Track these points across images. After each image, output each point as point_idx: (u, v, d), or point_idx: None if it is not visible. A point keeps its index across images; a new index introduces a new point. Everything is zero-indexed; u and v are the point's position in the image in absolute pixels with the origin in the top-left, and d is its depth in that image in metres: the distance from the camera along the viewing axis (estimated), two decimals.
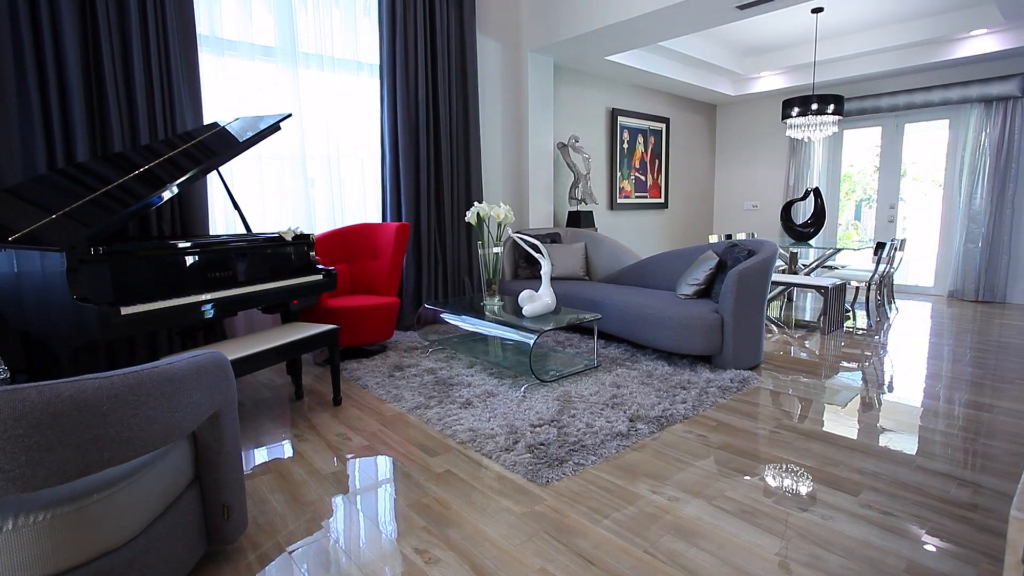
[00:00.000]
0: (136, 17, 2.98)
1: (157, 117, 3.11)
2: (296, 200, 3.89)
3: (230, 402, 1.50)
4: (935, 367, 3.45)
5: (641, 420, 2.57)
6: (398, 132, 4.25)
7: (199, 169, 2.51)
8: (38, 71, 2.76)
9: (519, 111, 5.29)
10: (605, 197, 6.57)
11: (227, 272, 2.60)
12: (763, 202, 7.80)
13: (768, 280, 3.42)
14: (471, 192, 4.75)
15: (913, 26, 5.68)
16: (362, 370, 3.40)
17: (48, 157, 2.81)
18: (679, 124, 7.58)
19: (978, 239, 5.81)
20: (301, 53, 3.86)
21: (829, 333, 4.37)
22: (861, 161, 7.00)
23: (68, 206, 2.23)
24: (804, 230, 5.51)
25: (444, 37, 4.43)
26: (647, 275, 4.34)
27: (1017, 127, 5.57)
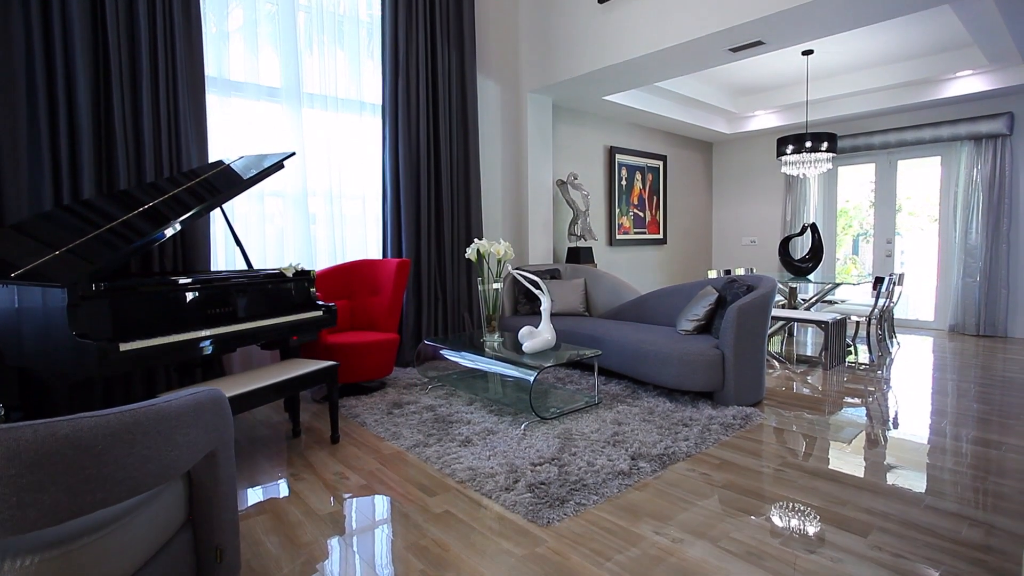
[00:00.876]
0: (147, 60, 3.07)
1: (163, 155, 3.17)
2: (298, 236, 3.93)
3: (227, 440, 1.48)
4: (940, 403, 3.41)
5: (643, 458, 2.52)
6: (399, 170, 4.32)
7: (203, 206, 2.54)
8: (49, 109, 2.83)
9: (519, 149, 5.39)
10: (604, 233, 6.63)
11: (227, 308, 2.60)
12: (761, 237, 7.87)
13: (768, 315, 3.42)
14: (471, 229, 4.80)
15: (900, 67, 5.85)
16: (361, 407, 3.37)
17: (54, 194, 2.85)
18: (676, 161, 7.71)
19: (976, 273, 5.83)
20: (306, 94, 3.95)
21: (831, 368, 4.34)
22: (856, 196, 7.09)
23: (72, 242, 2.25)
24: (802, 265, 5.54)
25: (445, 78, 4.56)
26: (647, 311, 4.34)
27: (1007, 164, 5.67)
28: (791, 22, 3.66)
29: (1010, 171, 5.68)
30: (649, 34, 4.20)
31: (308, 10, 3.99)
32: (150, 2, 3.09)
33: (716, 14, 3.79)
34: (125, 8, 3.03)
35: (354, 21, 4.24)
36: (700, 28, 3.89)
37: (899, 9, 3.49)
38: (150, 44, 3.10)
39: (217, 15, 3.53)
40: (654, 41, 4.18)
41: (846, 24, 3.73)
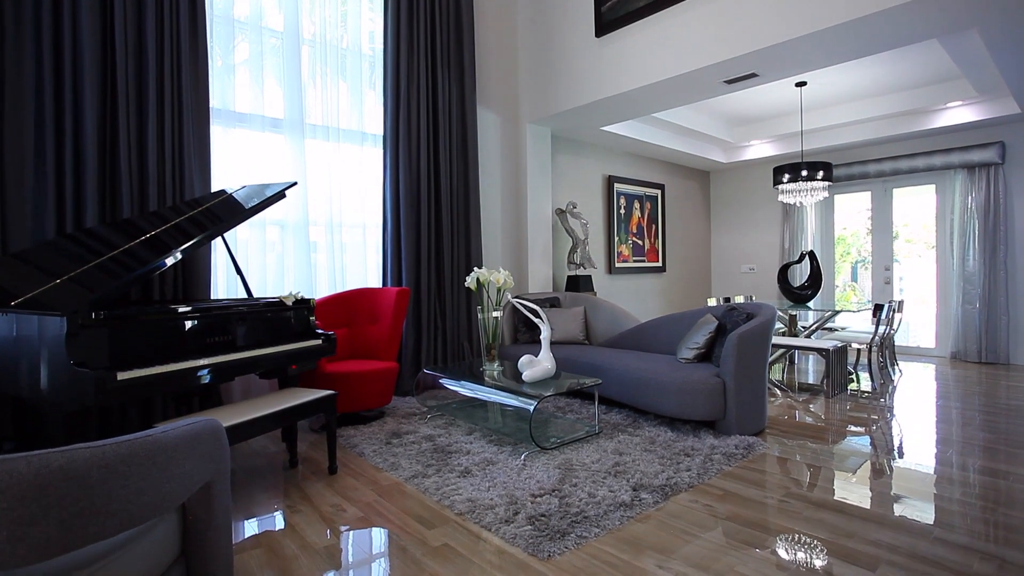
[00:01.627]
0: (154, 92, 3.14)
1: (167, 185, 3.20)
2: (298, 264, 3.94)
3: (223, 472, 1.46)
4: (945, 431, 3.37)
5: (645, 489, 2.48)
6: (400, 199, 4.36)
7: (204, 235, 2.55)
8: (56, 139, 2.87)
9: (518, 179, 5.45)
10: (603, 261, 6.66)
11: (226, 337, 2.60)
12: (759, 265, 7.90)
13: (768, 343, 3.41)
14: (471, 257, 4.82)
15: (892, 98, 5.96)
16: (359, 437, 3.33)
17: (58, 222, 2.87)
18: (674, 190, 7.79)
19: (975, 300, 5.84)
20: (308, 124, 4.02)
21: (833, 396, 4.30)
22: (853, 224, 7.15)
23: (73, 271, 2.25)
24: (802, 292, 5.55)
25: (446, 109, 4.64)
26: (647, 339, 4.33)
27: (1001, 191, 5.73)
28: (783, 55, 3.75)
29: (1004, 199, 5.74)
30: (645, 67, 4.30)
31: (312, 44, 4.08)
32: (158, 36, 3.16)
33: (710, 48, 3.88)
34: (134, 41, 3.10)
35: (357, 54, 4.34)
36: (695, 61, 3.98)
37: (887, 44, 3.57)
38: (157, 76, 3.16)
39: (223, 48, 3.61)
40: (650, 74, 4.27)
41: (836, 58, 3.82)
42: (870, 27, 3.32)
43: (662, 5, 4.12)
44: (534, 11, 5.27)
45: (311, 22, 4.07)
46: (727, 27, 3.78)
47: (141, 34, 3.12)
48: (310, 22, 4.07)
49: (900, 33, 3.42)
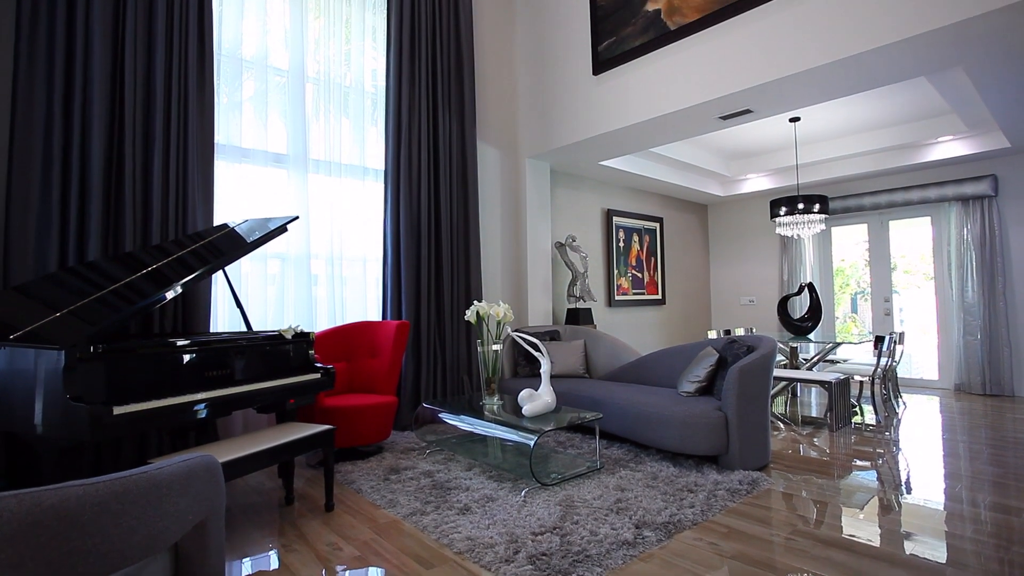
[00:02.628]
0: (161, 127, 3.20)
1: (170, 218, 3.24)
2: (299, 297, 3.94)
3: (218, 509, 1.43)
4: (953, 465, 3.32)
5: (648, 527, 2.43)
6: (400, 233, 4.40)
7: (206, 269, 2.57)
8: (62, 171, 2.91)
9: (518, 213, 5.51)
10: (603, 294, 6.67)
11: (225, 370, 2.58)
12: (759, 297, 7.91)
13: (770, 376, 3.39)
14: (471, 291, 4.83)
15: (885, 133, 6.08)
16: (357, 472, 3.27)
17: (60, 255, 2.89)
18: (672, 223, 7.86)
19: (976, 331, 5.82)
20: (311, 159, 4.08)
21: (837, 430, 4.25)
22: (851, 255, 7.19)
23: (73, 304, 2.25)
24: (802, 324, 5.54)
25: (446, 145, 4.72)
26: (647, 372, 4.30)
27: (996, 223, 5.78)
28: (776, 92, 3.84)
29: (999, 231, 5.79)
30: (642, 103, 4.39)
31: (316, 81, 4.18)
32: (167, 73, 3.24)
33: (705, 85, 3.98)
34: (143, 77, 3.18)
35: (359, 92, 4.44)
36: (690, 98, 4.07)
37: (876, 81, 3.66)
38: (164, 113, 3.23)
39: (230, 86, 3.70)
40: (647, 110, 4.36)
41: (827, 94, 3.90)
42: (859, 65, 3.41)
43: (656, 45, 4.24)
44: (533, 50, 5.42)
45: (315, 61, 4.18)
46: (721, 65, 3.88)
47: (150, 72, 3.20)
48: (314, 61, 4.18)
49: (888, 71, 3.51)
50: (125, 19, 3.08)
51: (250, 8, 3.83)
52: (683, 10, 4.07)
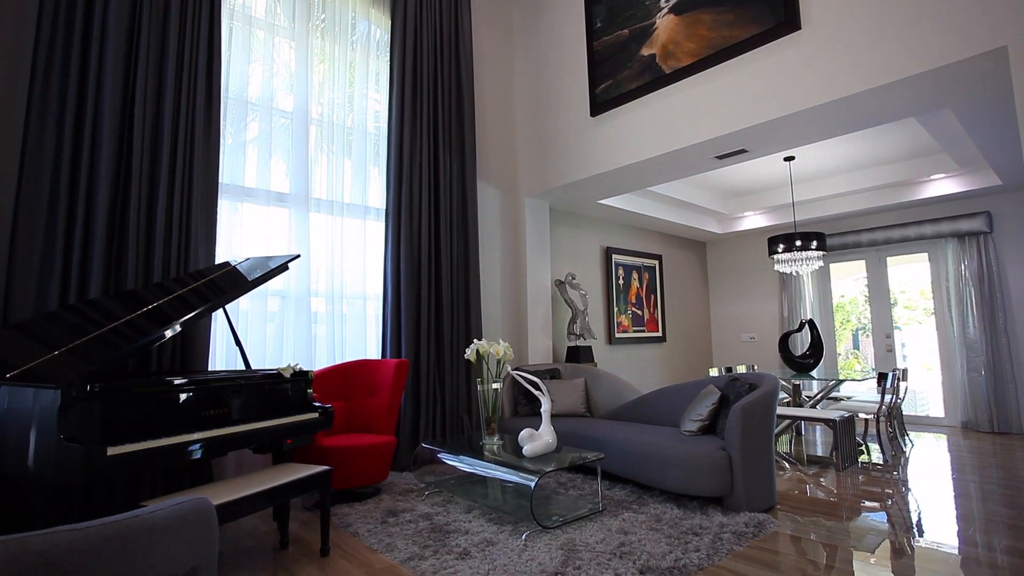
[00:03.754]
0: (166, 168, 3.25)
1: (172, 257, 3.25)
2: (298, 335, 3.93)
3: (210, 555, 1.39)
4: (965, 507, 3.24)
5: (652, 572, 2.35)
6: (400, 271, 4.42)
7: (206, 307, 2.57)
8: (68, 209, 2.94)
9: (517, 251, 5.55)
10: (603, 332, 6.65)
11: (222, 410, 2.55)
12: (760, 334, 7.88)
13: (773, 414, 3.35)
14: (471, 329, 4.81)
15: (878, 171, 6.18)
16: (354, 515, 3.19)
17: (61, 293, 2.89)
18: (671, 260, 7.91)
19: (980, 367, 5.78)
20: (313, 199, 4.14)
21: (844, 469, 4.17)
22: (851, 291, 7.21)
23: (72, 342, 2.24)
24: (804, 361, 5.51)
25: (447, 184, 4.79)
26: (649, 411, 4.25)
27: (993, 259, 5.81)
28: (770, 133, 3.93)
29: (997, 266, 5.81)
30: (639, 144, 4.48)
31: (319, 123, 4.28)
32: (175, 115, 3.32)
33: (701, 126, 4.07)
34: (152, 118, 3.25)
35: (362, 133, 4.54)
36: (686, 138, 4.16)
37: (866, 122, 3.75)
38: (171, 153, 3.29)
39: (235, 127, 3.78)
40: (644, 150, 4.45)
41: (820, 134, 3.99)
42: (849, 107, 3.50)
43: (652, 88, 4.36)
44: (532, 91, 5.57)
45: (319, 103, 4.29)
46: (715, 107, 3.98)
47: (159, 113, 3.28)
48: (318, 103, 4.28)
49: (877, 113, 3.60)
50: (136, 62, 3.18)
51: (257, 53, 3.95)
52: (677, 55, 4.20)
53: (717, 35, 3.94)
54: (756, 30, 3.71)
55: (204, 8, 3.47)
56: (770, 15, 3.65)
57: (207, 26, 3.48)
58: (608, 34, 4.75)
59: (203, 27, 3.46)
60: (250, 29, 3.90)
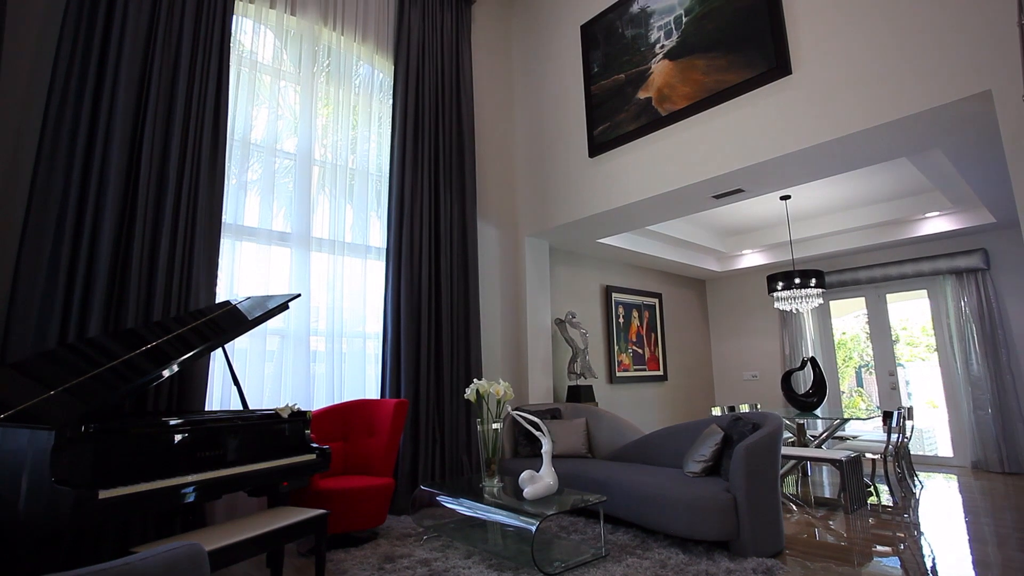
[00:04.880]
0: (171, 208, 3.29)
1: (173, 296, 3.26)
2: (297, 374, 3.90)
3: None
4: (980, 552, 3.15)
5: None
6: (401, 310, 4.42)
7: (206, 346, 2.56)
8: (72, 246, 2.96)
9: (517, 290, 5.56)
10: (604, 371, 6.60)
11: (217, 451, 2.51)
12: (762, 372, 7.82)
13: (778, 454, 3.29)
14: (471, 368, 4.78)
15: (874, 209, 6.26)
16: (349, 561, 3.10)
17: (61, 331, 2.88)
18: (671, 299, 7.91)
19: (986, 406, 5.70)
20: (314, 238, 4.17)
21: (853, 511, 4.06)
22: (852, 328, 7.19)
23: (69, 382, 2.22)
24: (807, 400, 5.44)
25: (447, 224, 4.84)
26: (652, 451, 4.18)
27: (992, 296, 5.82)
28: (765, 173, 4.00)
29: (996, 303, 5.81)
30: (637, 184, 4.56)
31: (322, 164, 4.36)
32: (181, 156, 3.39)
33: (697, 166, 4.15)
34: (159, 160, 3.31)
35: (364, 173, 4.61)
36: (683, 178, 4.23)
37: (859, 162, 3.83)
38: (175, 194, 3.34)
39: (239, 167, 3.84)
40: (641, 190, 4.51)
41: (813, 175, 4.06)
42: (841, 148, 3.57)
43: (649, 130, 4.46)
44: (532, 133, 5.69)
45: (322, 145, 4.38)
46: (711, 147, 4.07)
47: (166, 154, 3.34)
48: (321, 145, 4.38)
49: (869, 153, 3.67)
50: (147, 106, 3.26)
51: (263, 96, 4.06)
52: (672, 98, 4.31)
53: (711, 79, 4.06)
54: (749, 74, 3.83)
55: (214, 56, 3.59)
56: (762, 60, 3.77)
57: (216, 72, 3.59)
58: (605, 78, 4.90)
59: (212, 73, 3.57)
60: (256, 74, 4.02)
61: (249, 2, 4.01)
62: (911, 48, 3.16)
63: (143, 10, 3.32)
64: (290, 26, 4.28)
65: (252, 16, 4.04)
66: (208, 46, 3.59)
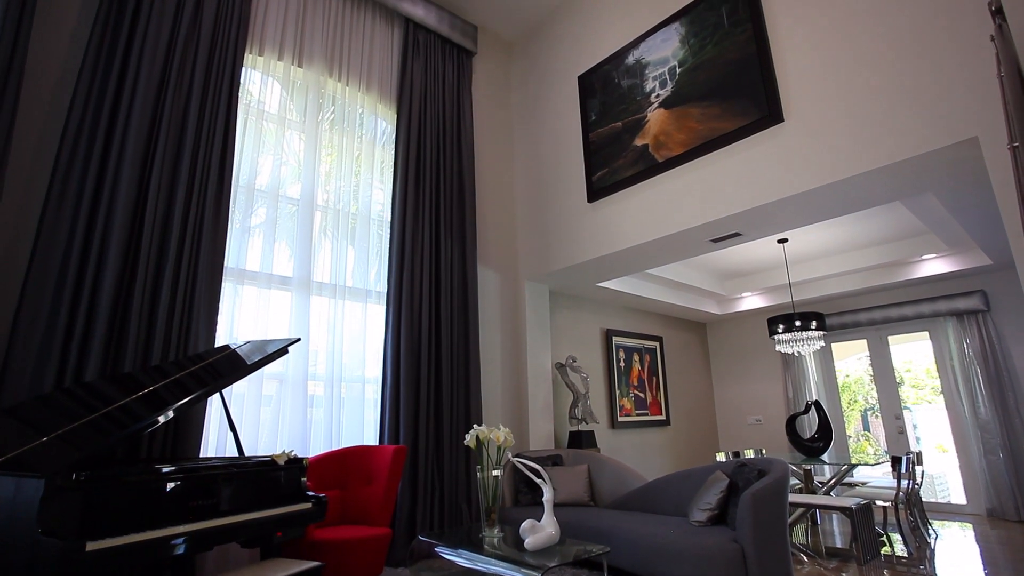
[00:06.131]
0: (174, 253, 3.32)
1: (173, 340, 3.25)
2: (294, 419, 3.84)
3: None
4: None
5: None
6: (400, 355, 4.39)
7: (203, 391, 2.53)
8: (75, 289, 2.97)
9: (517, 334, 5.55)
10: (606, 416, 6.50)
11: (210, 500, 2.44)
12: (766, 416, 7.71)
13: (785, 502, 3.20)
14: (471, 413, 4.71)
15: (871, 251, 6.31)
16: None
17: (58, 373, 2.85)
18: (672, 342, 7.88)
19: (997, 450, 5.59)
20: (315, 282, 4.19)
21: (867, 563, 3.92)
22: (855, 371, 7.12)
23: (63, 427, 2.19)
24: (813, 445, 5.34)
25: (448, 268, 4.88)
26: (656, 499, 4.07)
27: (994, 338, 5.79)
28: (761, 217, 4.05)
29: (999, 345, 5.78)
30: (635, 229, 4.61)
31: (324, 209, 4.42)
32: (186, 202, 3.44)
33: (694, 211, 4.20)
34: (164, 206, 3.36)
35: (366, 218, 4.67)
36: (681, 223, 4.28)
37: (853, 206, 3.88)
38: (179, 239, 3.37)
39: (242, 212, 3.89)
40: (640, 235, 4.56)
41: (808, 219, 4.11)
42: (834, 192, 3.64)
43: (646, 176, 4.55)
44: (531, 178, 5.80)
45: (325, 191, 4.45)
46: (708, 192, 4.13)
47: (171, 200, 3.39)
48: (324, 191, 4.45)
49: (862, 198, 3.73)
50: (155, 153, 3.34)
51: (268, 144, 4.16)
52: (668, 145, 4.42)
53: (705, 127, 4.17)
54: (742, 122, 3.93)
55: (222, 106, 3.70)
56: (754, 109, 3.88)
57: (223, 121, 3.69)
58: (603, 126, 5.03)
59: (219, 122, 3.67)
60: (263, 123, 4.13)
61: (258, 55, 4.16)
62: (898, 96, 3.26)
63: (156, 62, 3.45)
64: (296, 77, 4.42)
65: (260, 68, 4.18)
66: (217, 97, 3.70)
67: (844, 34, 3.55)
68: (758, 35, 3.93)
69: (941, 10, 3.16)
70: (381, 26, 5.15)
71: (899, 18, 3.32)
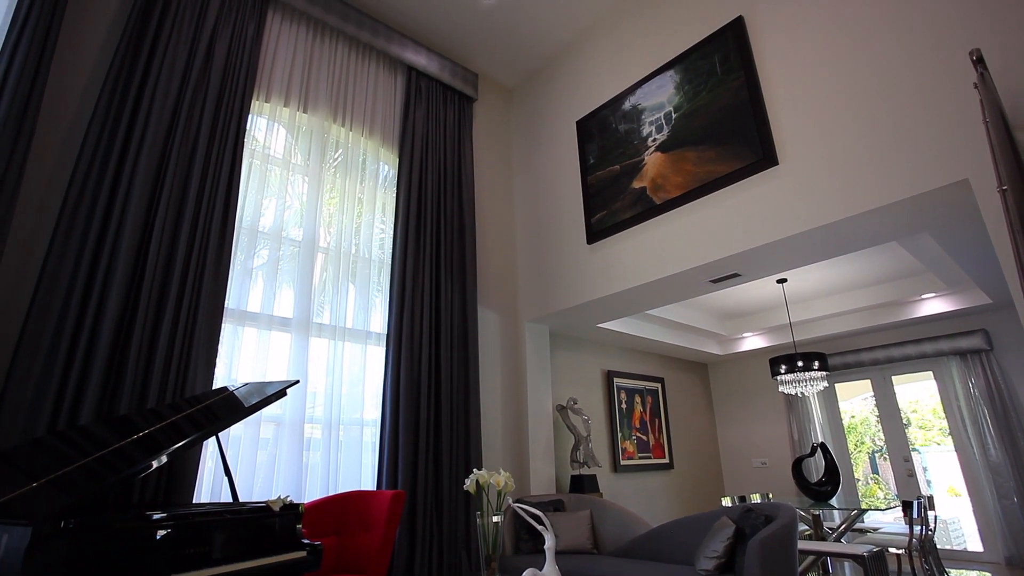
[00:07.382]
0: (175, 293, 3.33)
1: (170, 381, 3.22)
2: (291, 464, 3.76)
3: None
4: None
5: None
6: (400, 397, 4.34)
7: (199, 434, 2.49)
8: (75, 330, 2.96)
9: (518, 376, 5.50)
10: (608, 459, 6.38)
11: (202, 548, 2.37)
12: (771, 458, 7.56)
13: (795, 549, 3.10)
14: (470, 457, 4.62)
15: (871, 291, 6.33)
16: None
17: (52, 415, 2.81)
18: (674, 383, 7.80)
19: (1011, 494, 5.45)
20: (315, 323, 4.18)
21: None
22: (860, 411, 7.02)
23: (54, 472, 2.14)
24: (820, 489, 5.22)
25: (448, 310, 4.88)
26: (661, 546, 3.95)
27: (1000, 377, 5.73)
28: (760, 257, 4.08)
29: (1005, 385, 5.72)
30: (634, 270, 4.64)
31: (326, 251, 4.45)
32: (189, 245, 3.47)
33: (693, 251, 4.24)
34: (167, 248, 3.38)
35: (366, 260, 4.71)
36: (680, 264, 4.31)
37: (850, 246, 3.91)
38: (181, 280, 3.39)
39: (244, 254, 3.92)
40: (639, 276, 4.58)
41: (805, 259, 4.14)
42: (829, 233, 3.67)
43: (644, 217, 4.61)
44: (531, 222, 5.87)
45: (327, 233, 4.50)
46: (706, 233, 4.18)
47: (174, 243, 3.42)
48: (326, 233, 4.50)
49: (858, 238, 3.76)
50: (160, 196, 3.39)
51: (272, 187, 4.23)
52: (666, 187, 4.49)
53: (702, 170, 4.25)
54: (737, 165, 4.01)
55: (228, 151, 3.79)
56: (749, 152, 3.96)
57: (229, 165, 3.77)
58: (601, 169, 5.13)
59: (225, 167, 3.75)
60: (267, 167, 4.22)
61: (264, 101, 4.28)
62: (890, 139, 3.34)
63: (166, 107, 3.55)
64: (302, 123, 4.54)
65: (267, 115, 4.30)
66: (224, 142, 3.79)
67: (835, 78, 3.66)
68: (750, 82, 4.05)
69: (928, 54, 3.27)
70: (385, 74, 5.31)
71: (888, 63, 3.43)
